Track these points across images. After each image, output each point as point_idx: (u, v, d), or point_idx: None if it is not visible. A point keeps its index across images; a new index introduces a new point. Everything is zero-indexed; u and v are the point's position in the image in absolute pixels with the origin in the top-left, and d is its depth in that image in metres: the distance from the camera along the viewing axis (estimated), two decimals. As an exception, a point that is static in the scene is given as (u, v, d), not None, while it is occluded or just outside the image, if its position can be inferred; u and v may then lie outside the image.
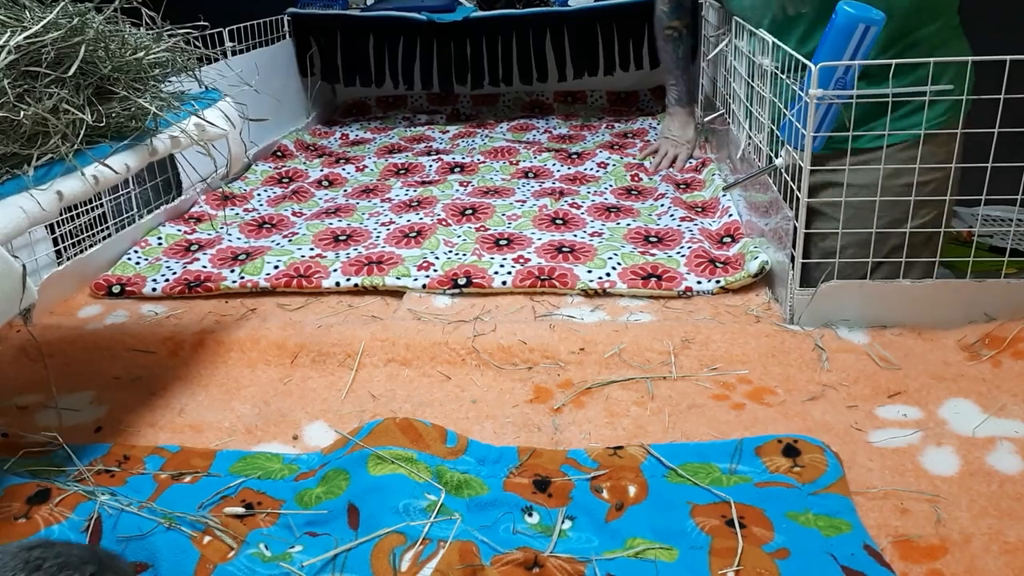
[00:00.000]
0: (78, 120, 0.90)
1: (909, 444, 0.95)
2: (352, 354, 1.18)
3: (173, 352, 1.22)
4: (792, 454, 0.91)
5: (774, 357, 1.13)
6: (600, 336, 1.18)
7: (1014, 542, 0.79)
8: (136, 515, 0.84)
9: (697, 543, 0.80)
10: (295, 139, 2.31)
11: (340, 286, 1.42)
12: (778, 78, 1.30)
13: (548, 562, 0.76)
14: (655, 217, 1.70)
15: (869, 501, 0.86)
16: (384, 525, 0.80)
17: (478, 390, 1.10)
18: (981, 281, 1.15)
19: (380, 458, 0.89)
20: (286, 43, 2.47)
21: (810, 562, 0.76)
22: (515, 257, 1.50)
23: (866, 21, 1.17)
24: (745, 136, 1.59)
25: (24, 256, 1.17)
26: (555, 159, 2.11)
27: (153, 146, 1.00)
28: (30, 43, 0.86)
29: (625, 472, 0.90)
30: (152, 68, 1.03)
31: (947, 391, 1.04)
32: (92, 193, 0.92)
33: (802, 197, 1.14)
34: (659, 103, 2.61)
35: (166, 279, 1.48)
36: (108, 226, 1.69)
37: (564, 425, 1.02)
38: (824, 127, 1.27)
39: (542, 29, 2.48)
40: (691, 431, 0.99)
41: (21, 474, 0.94)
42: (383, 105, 2.75)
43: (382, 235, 1.64)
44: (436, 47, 2.50)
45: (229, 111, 1.16)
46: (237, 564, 0.78)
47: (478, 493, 0.88)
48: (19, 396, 1.13)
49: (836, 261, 1.20)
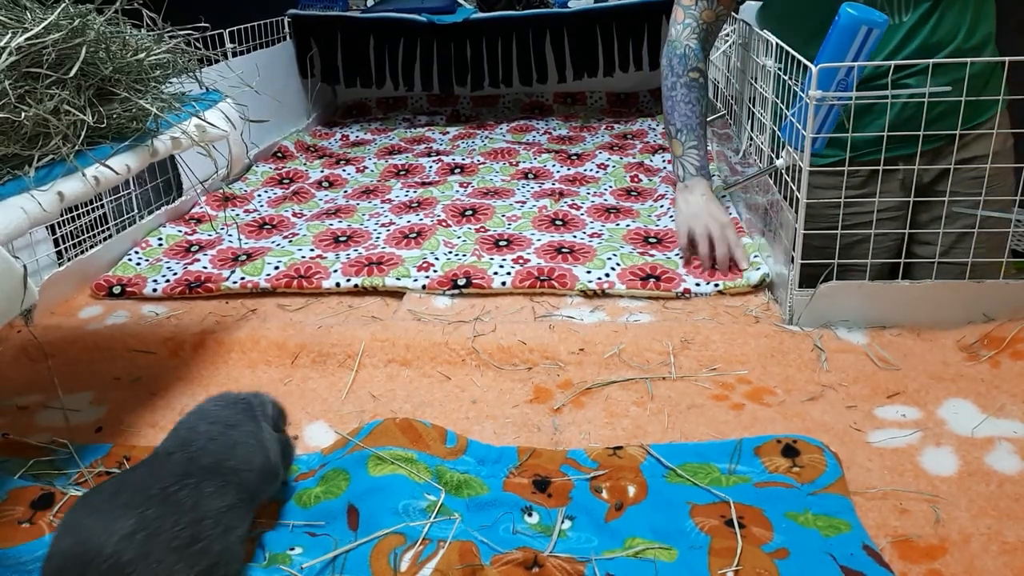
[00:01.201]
0: (79, 121, 0.90)
1: (908, 444, 0.95)
2: (352, 354, 1.18)
3: (174, 352, 1.23)
4: (791, 454, 0.91)
5: (773, 357, 1.13)
6: (600, 336, 1.19)
7: (1013, 542, 0.80)
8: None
9: (696, 543, 0.80)
10: (295, 140, 2.32)
11: (340, 287, 1.43)
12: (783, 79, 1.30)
13: (548, 562, 0.77)
14: (654, 218, 1.70)
15: (868, 501, 0.86)
16: (384, 526, 0.80)
17: (478, 390, 1.10)
18: (980, 282, 1.16)
19: (380, 458, 0.89)
20: (286, 44, 2.47)
21: (809, 562, 0.76)
22: (515, 258, 1.50)
23: (868, 23, 1.17)
24: (747, 137, 1.59)
25: (25, 257, 1.17)
26: (555, 160, 2.11)
27: (154, 147, 1.00)
28: (31, 44, 0.86)
29: (625, 472, 0.90)
30: (153, 69, 1.03)
31: (946, 391, 1.04)
32: (93, 194, 0.92)
33: (801, 197, 1.14)
34: (658, 104, 2.61)
35: (167, 280, 1.48)
36: (109, 227, 1.70)
37: (564, 425, 1.02)
38: (825, 128, 1.27)
39: (542, 30, 2.49)
40: (690, 431, 0.99)
41: (24, 477, 0.94)
42: (383, 106, 2.76)
43: (382, 236, 1.64)
44: (436, 48, 2.50)
45: (230, 112, 1.16)
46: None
47: (478, 493, 0.88)
48: (20, 396, 1.13)
49: (835, 261, 1.20)
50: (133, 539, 0.65)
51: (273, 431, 0.86)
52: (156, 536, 0.66)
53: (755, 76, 1.49)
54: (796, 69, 1.23)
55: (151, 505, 0.68)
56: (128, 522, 0.65)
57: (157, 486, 0.70)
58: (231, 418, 0.82)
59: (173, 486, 0.70)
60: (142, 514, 0.66)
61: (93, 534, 0.65)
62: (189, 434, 0.79)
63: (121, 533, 0.65)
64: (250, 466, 0.79)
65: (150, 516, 0.67)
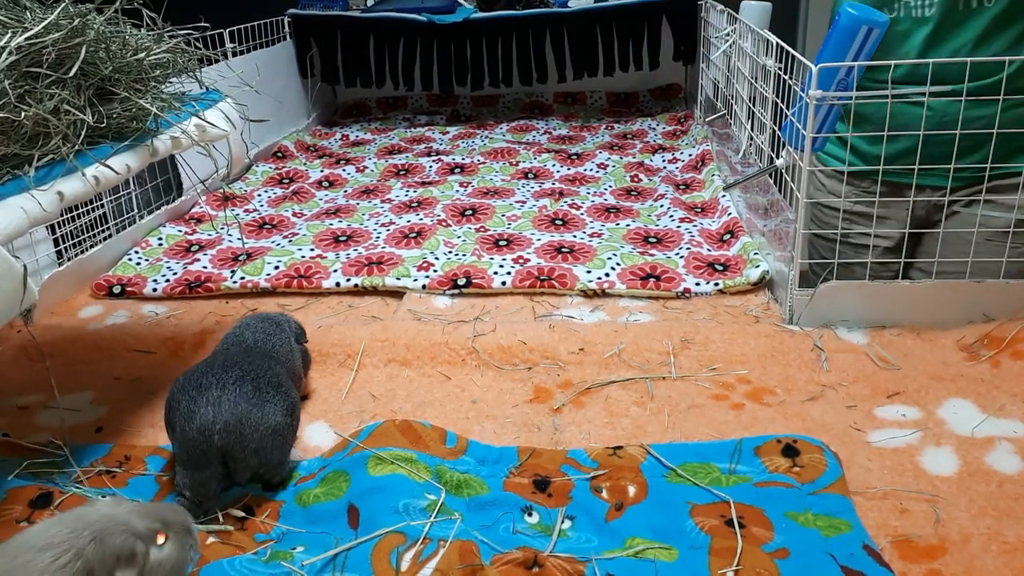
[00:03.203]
0: (79, 121, 0.90)
1: (908, 444, 0.95)
2: (352, 354, 1.18)
3: (174, 352, 1.23)
4: (791, 454, 0.91)
5: (773, 357, 1.13)
6: (600, 336, 1.19)
7: (1013, 542, 0.79)
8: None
9: (696, 543, 0.80)
10: (295, 140, 2.32)
11: (340, 286, 1.43)
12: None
13: (548, 562, 0.77)
14: (654, 218, 1.70)
15: (868, 501, 0.86)
16: (384, 525, 0.80)
17: (478, 390, 1.10)
18: (980, 281, 1.16)
19: (380, 458, 0.89)
20: (286, 44, 2.47)
21: (809, 562, 0.76)
22: (515, 258, 1.50)
23: (869, 23, 1.17)
24: (747, 137, 1.59)
25: (25, 257, 1.17)
26: (555, 160, 2.11)
27: (154, 147, 1.00)
28: (31, 44, 0.86)
29: (625, 472, 0.90)
30: (153, 69, 1.03)
31: (946, 391, 1.04)
32: (93, 194, 0.92)
33: (801, 197, 1.14)
34: (658, 104, 2.62)
35: (167, 280, 1.48)
36: (109, 227, 1.70)
37: (564, 425, 1.02)
38: (825, 128, 1.27)
39: (542, 30, 2.49)
40: (690, 431, 0.99)
41: (23, 476, 0.94)
42: (383, 106, 2.76)
43: (382, 236, 1.64)
44: (436, 48, 2.50)
45: (230, 112, 1.16)
46: (238, 563, 0.78)
47: (478, 493, 0.88)
48: (19, 396, 1.13)
49: (835, 261, 1.20)
50: (232, 401, 0.86)
51: (296, 343, 1.08)
52: (242, 391, 0.88)
53: (755, 76, 1.49)
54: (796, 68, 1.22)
55: (231, 374, 0.89)
56: (223, 391, 0.87)
57: (232, 362, 0.91)
58: (267, 328, 1.04)
59: (241, 361, 0.92)
60: (226, 381, 0.88)
61: (209, 405, 0.85)
62: (239, 336, 1.02)
63: (224, 400, 0.86)
64: (288, 357, 1.02)
65: (230, 379, 0.88)
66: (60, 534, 0.65)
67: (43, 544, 0.65)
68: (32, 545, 0.65)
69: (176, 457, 0.88)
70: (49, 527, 0.66)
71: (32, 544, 0.65)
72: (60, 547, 0.65)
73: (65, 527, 0.66)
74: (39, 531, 0.66)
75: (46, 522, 0.68)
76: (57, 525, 0.66)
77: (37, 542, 0.65)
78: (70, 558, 0.64)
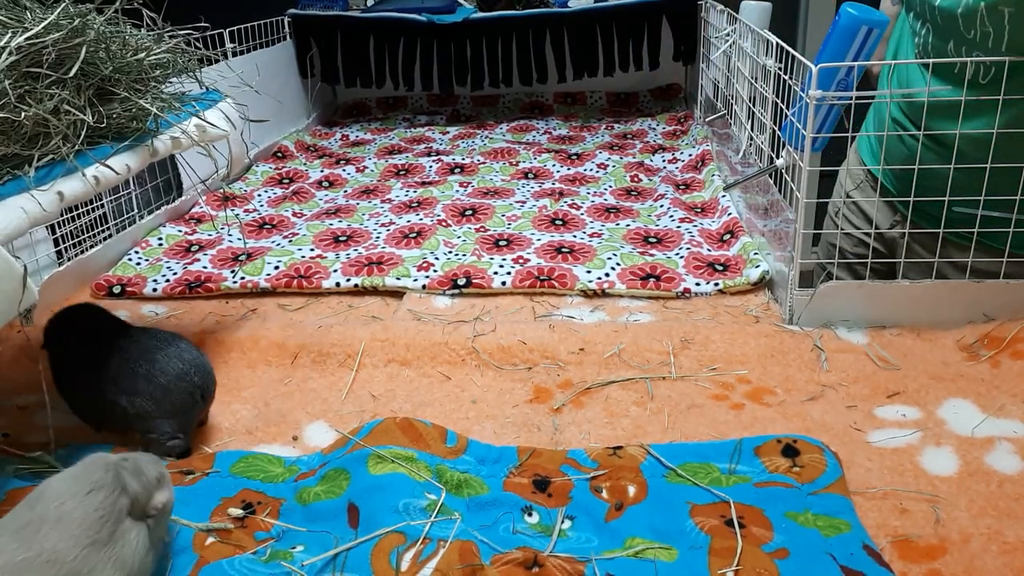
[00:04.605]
0: (79, 121, 0.90)
1: (908, 444, 0.95)
2: (352, 354, 1.18)
3: (173, 352, 1.22)
4: (791, 454, 0.91)
5: (773, 357, 1.13)
6: (600, 336, 1.19)
7: (1013, 542, 0.80)
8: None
9: (696, 543, 0.80)
10: (295, 140, 2.32)
11: (340, 286, 1.43)
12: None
13: (548, 562, 0.77)
14: (654, 218, 1.70)
15: (868, 501, 0.86)
16: (384, 524, 0.80)
17: (478, 390, 1.10)
18: (980, 281, 1.16)
19: (380, 457, 0.89)
20: (286, 44, 2.47)
21: (809, 562, 0.76)
22: (515, 258, 1.50)
23: (869, 23, 1.17)
24: (747, 137, 1.59)
25: (25, 257, 1.17)
26: (555, 160, 2.11)
27: (154, 147, 1.00)
28: (31, 44, 0.86)
29: (625, 472, 0.90)
30: (153, 69, 1.03)
31: (946, 391, 1.04)
32: (93, 194, 0.92)
33: (801, 197, 1.14)
34: (658, 104, 2.62)
35: (167, 279, 1.48)
36: (109, 227, 1.70)
37: (564, 425, 1.02)
38: (825, 128, 1.27)
39: (542, 30, 2.49)
40: (690, 431, 0.99)
41: (24, 477, 0.94)
42: (383, 106, 2.76)
43: (382, 236, 1.64)
44: (436, 48, 2.50)
45: (230, 112, 1.16)
46: (238, 563, 0.78)
47: (478, 493, 0.88)
48: (19, 396, 1.13)
49: (835, 261, 1.20)
50: (187, 349, 1.01)
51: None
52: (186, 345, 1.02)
53: (755, 76, 1.49)
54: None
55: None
56: (176, 347, 1.00)
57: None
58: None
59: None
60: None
61: (175, 357, 0.98)
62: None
63: (183, 350, 1.00)
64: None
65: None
66: (98, 475, 0.72)
67: (88, 487, 0.71)
68: (75, 492, 0.70)
69: (152, 413, 0.96)
70: (81, 473, 0.72)
71: (74, 491, 0.70)
72: (107, 487, 0.71)
73: (97, 470, 0.73)
74: (73, 476, 0.72)
75: (70, 471, 0.73)
76: (89, 469, 0.73)
77: (78, 487, 0.71)
78: (119, 494, 0.72)
